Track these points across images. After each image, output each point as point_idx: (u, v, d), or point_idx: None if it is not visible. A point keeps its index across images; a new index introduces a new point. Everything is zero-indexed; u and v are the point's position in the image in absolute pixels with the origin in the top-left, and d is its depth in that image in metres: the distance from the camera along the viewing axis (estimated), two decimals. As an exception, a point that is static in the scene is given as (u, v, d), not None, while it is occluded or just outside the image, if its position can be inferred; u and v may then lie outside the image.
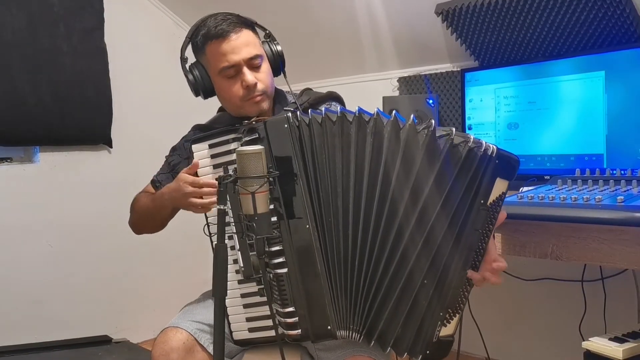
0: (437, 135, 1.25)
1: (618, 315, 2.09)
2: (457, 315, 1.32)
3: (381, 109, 1.40)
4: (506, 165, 1.27)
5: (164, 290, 3.05)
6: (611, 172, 1.64)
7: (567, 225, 1.45)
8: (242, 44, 1.45)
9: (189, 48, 1.52)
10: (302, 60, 2.90)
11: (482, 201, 1.26)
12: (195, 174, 1.40)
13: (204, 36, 1.46)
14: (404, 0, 2.33)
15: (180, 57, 1.52)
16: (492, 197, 1.27)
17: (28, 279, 2.66)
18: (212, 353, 1.38)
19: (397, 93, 2.66)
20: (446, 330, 1.31)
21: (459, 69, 2.43)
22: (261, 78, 1.48)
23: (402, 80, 2.65)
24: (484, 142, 1.25)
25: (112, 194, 2.89)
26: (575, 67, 1.95)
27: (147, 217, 1.58)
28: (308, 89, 1.62)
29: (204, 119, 1.70)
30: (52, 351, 2.46)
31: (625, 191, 1.48)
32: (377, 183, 1.26)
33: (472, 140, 1.24)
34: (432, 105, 2.35)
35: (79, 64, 2.70)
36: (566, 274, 2.22)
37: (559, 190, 1.59)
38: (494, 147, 1.25)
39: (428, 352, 1.29)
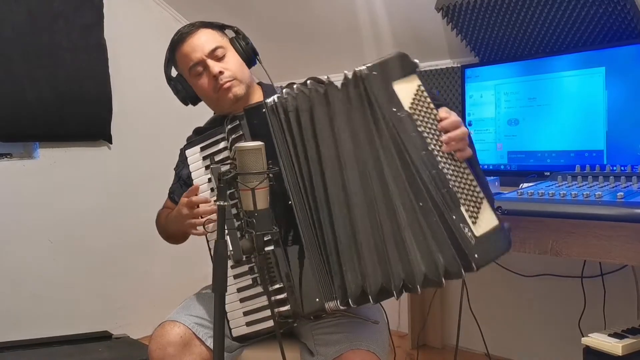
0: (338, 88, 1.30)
1: (617, 311, 2.09)
2: (479, 206, 1.23)
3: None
4: (394, 67, 1.27)
5: (164, 286, 3.06)
6: (611, 168, 1.64)
7: (567, 222, 1.45)
8: (201, 41, 1.53)
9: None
10: (301, 55, 2.89)
11: (393, 109, 1.25)
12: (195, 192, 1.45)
13: (170, 47, 1.58)
14: (404, -4, 2.33)
15: (165, 75, 1.61)
16: (406, 100, 1.25)
17: (28, 274, 2.66)
18: (210, 346, 1.39)
19: (397, 89, 2.66)
20: (484, 226, 1.23)
21: (459, 65, 2.43)
22: (227, 66, 1.53)
23: (402, 76, 2.64)
24: (363, 67, 1.27)
25: (112, 190, 2.89)
26: (575, 63, 1.95)
27: (168, 236, 1.66)
28: (291, 83, 1.65)
29: (203, 116, 1.71)
30: (53, 347, 2.46)
31: (625, 187, 1.48)
32: (335, 149, 1.30)
33: (352, 72, 1.28)
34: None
35: (78, 60, 2.69)
36: (566, 270, 2.22)
37: (559, 186, 1.60)
38: (364, 67, 1.27)
39: (477, 255, 1.20)
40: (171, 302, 1.70)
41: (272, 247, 1.32)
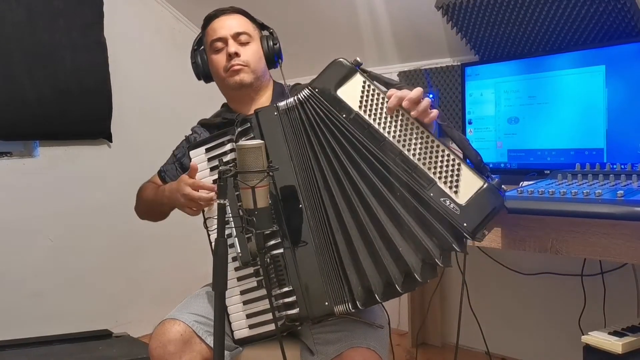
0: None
1: (618, 310, 2.10)
2: (457, 173, 1.24)
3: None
4: (332, 76, 1.31)
5: (165, 284, 3.06)
6: (611, 166, 1.64)
7: (567, 220, 1.45)
8: (232, 22, 1.58)
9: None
10: (302, 53, 2.89)
11: (344, 115, 1.29)
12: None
13: (205, 20, 1.62)
14: (404, -6, 2.33)
15: (192, 47, 1.65)
16: (354, 102, 1.29)
17: (28, 272, 2.66)
18: (210, 344, 1.40)
19: (397, 87, 2.66)
20: (467, 191, 1.22)
21: (459, 63, 2.43)
22: (245, 52, 1.57)
23: (402, 75, 2.64)
24: (305, 90, 1.32)
25: (111, 188, 2.89)
26: (575, 61, 1.95)
27: (149, 208, 1.66)
28: (297, 84, 1.67)
29: (203, 114, 1.71)
30: (53, 345, 2.46)
31: (625, 185, 1.48)
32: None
33: (300, 95, 1.33)
34: (432, 99, 2.34)
35: (78, 58, 2.69)
36: (566, 268, 2.22)
37: (559, 184, 1.59)
38: (306, 90, 1.33)
39: (466, 223, 1.21)
40: (172, 300, 1.70)
41: (281, 250, 1.32)
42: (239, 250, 1.28)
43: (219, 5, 1.58)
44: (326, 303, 1.31)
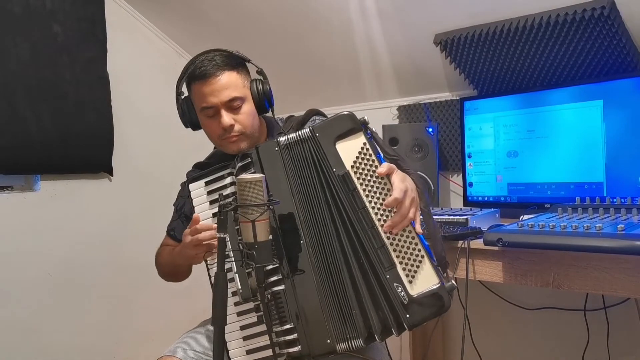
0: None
1: (622, 345, 2.07)
2: (418, 265, 1.26)
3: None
4: (337, 128, 1.33)
5: (163, 320, 3.03)
6: (611, 200, 1.64)
7: (568, 254, 1.45)
8: (222, 87, 1.46)
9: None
10: (304, 89, 2.92)
11: (334, 169, 1.30)
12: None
13: (189, 76, 1.50)
14: (403, 31, 2.37)
15: (176, 92, 1.56)
16: (348, 159, 1.30)
17: (26, 307, 2.64)
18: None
19: (397, 122, 2.68)
20: (421, 284, 1.25)
21: (458, 98, 2.45)
22: (240, 119, 1.48)
23: (401, 109, 2.67)
24: (306, 129, 1.34)
25: (112, 223, 2.88)
26: (573, 96, 1.97)
27: (171, 272, 1.65)
28: (290, 116, 1.67)
29: (204, 148, 1.72)
30: (49, 382, 2.43)
31: (625, 219, 1.48)
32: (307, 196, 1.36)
33: (296, 135, 1.35)
34: (432, 133, 2.36)
35: (81, 93, 2.72)
36: (568, 302, 2.20)
37: (560, 218, 1.59)
38: (307, 130, 1.34)
39: (409, 315, 1.24)
40: (169, 336, 1.69)
41: (282, 287, 1.31)
42: (239, 286, 1.28)
43: (219, 41, 1.59)
44: (328, 341, 1.30)
